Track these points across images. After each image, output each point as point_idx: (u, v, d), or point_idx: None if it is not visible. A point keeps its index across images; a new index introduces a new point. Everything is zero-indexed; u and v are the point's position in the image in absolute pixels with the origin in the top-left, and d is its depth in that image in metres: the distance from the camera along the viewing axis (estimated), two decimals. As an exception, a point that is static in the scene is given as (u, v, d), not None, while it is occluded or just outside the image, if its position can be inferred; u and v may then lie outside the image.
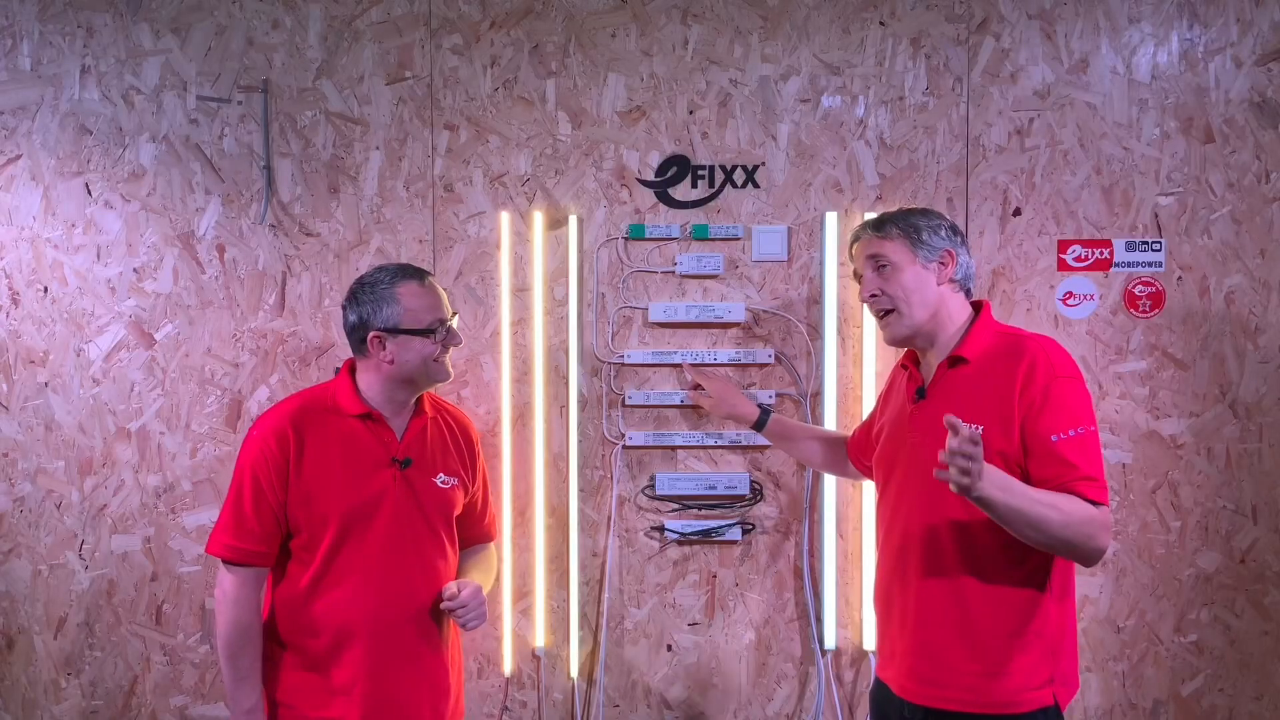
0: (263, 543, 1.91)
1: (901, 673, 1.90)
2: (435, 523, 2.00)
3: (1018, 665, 1.78)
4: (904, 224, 1.91)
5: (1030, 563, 1.79)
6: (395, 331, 1.93)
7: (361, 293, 1.96)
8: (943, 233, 1.91)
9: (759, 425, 2.33)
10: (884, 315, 1.94)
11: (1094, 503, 1.72)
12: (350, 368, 2.02)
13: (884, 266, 1.92)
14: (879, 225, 1.94)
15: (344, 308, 1.99)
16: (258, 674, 1.92)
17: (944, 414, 1.81)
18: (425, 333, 1.94)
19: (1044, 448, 1.74)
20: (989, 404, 1.79)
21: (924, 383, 1.93)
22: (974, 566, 1.81)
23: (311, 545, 1.92)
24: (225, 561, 1.91)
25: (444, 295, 2.01)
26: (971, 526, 1.80)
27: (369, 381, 1.98)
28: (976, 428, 1.77)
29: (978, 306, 1.94)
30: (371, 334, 1.94)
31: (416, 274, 1.99)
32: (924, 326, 1.91)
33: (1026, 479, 1.75)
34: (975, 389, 1.82)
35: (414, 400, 2.04)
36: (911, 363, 1.98)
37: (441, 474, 2.02)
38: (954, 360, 1.87)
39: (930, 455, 1.83)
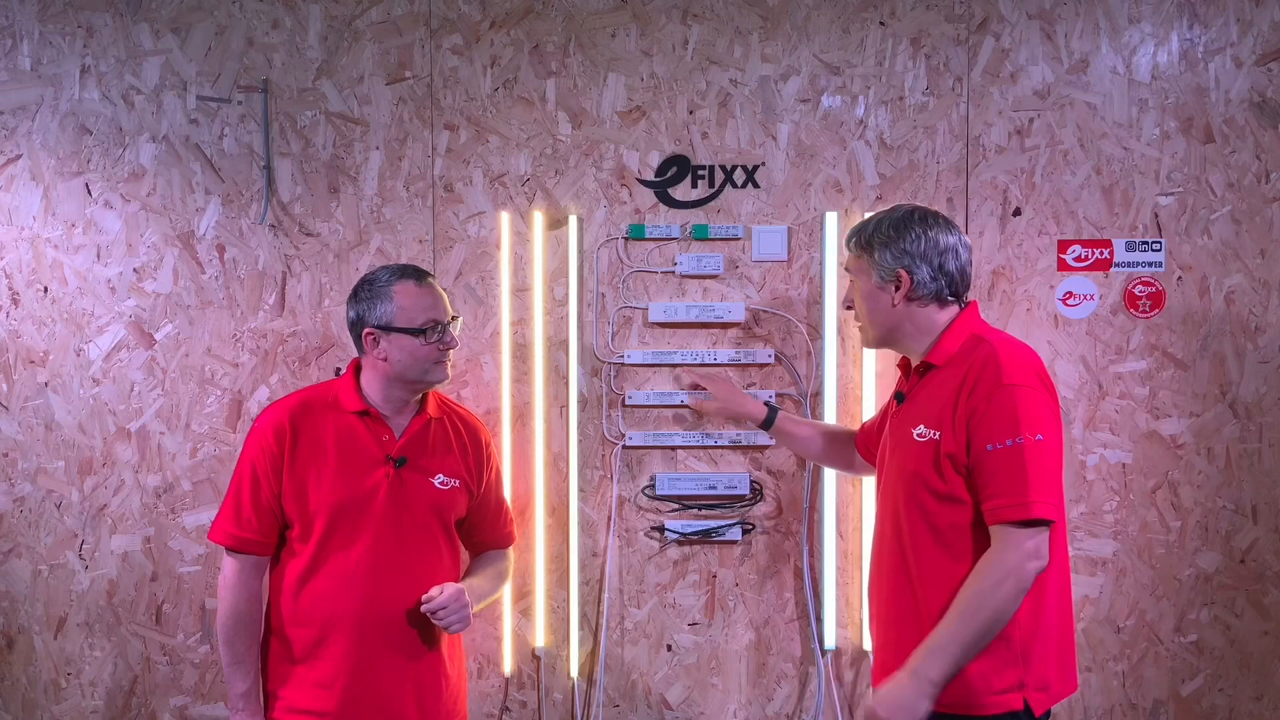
0: (259, 533, 1.95)
1: (876, 667, 1.92)
2: (430, 523, 2.00)
3: (976, 668, 1.74)
4: (863, 239, 1.89)
5: (971, 562, 1.75)
6: (388, 329, 1.95)
7: (361, 289, 1.99)
8: (897, 249, 1.84)
9: (766, 424, 2.31)
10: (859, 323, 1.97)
11: (1018, 523, 1.68)
12: (356, 366, 2.04)
13: (853, 280, 1.94)
14: (849, 237, 1.94)
15: (346, 307, 2.02)
16: (253, 659, 1.97)
17: (915, 418, 1.84)
18: (417, 332, 1.95)
19: (978, 458, 1.73)
20: (945, 409, 1.78)
21: (907, 387, 1.94)
22: (921, 568, 1.80)
23: (303, 538, 1.95)
24: (226, 548, 1.97)
25: (444, 297, 2.02)
26: (916, 528, 1.81)
27: (370, 379, 2.01)
28: (934, 432, 1.78)
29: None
30: (366, 331, 1.96)
31: (416, 274, 2.00)
32: (887, 339, 1.91)
33: (973, 488, 1.75)
34: (937, 394, 1.81)
35: (417, 400, 2.04)
36: (903, 365, 1.99)
37: (441, 474, 2.02)
38: (925, 366, 1.88)
39: (898, 460, 1.87)
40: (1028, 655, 1.76)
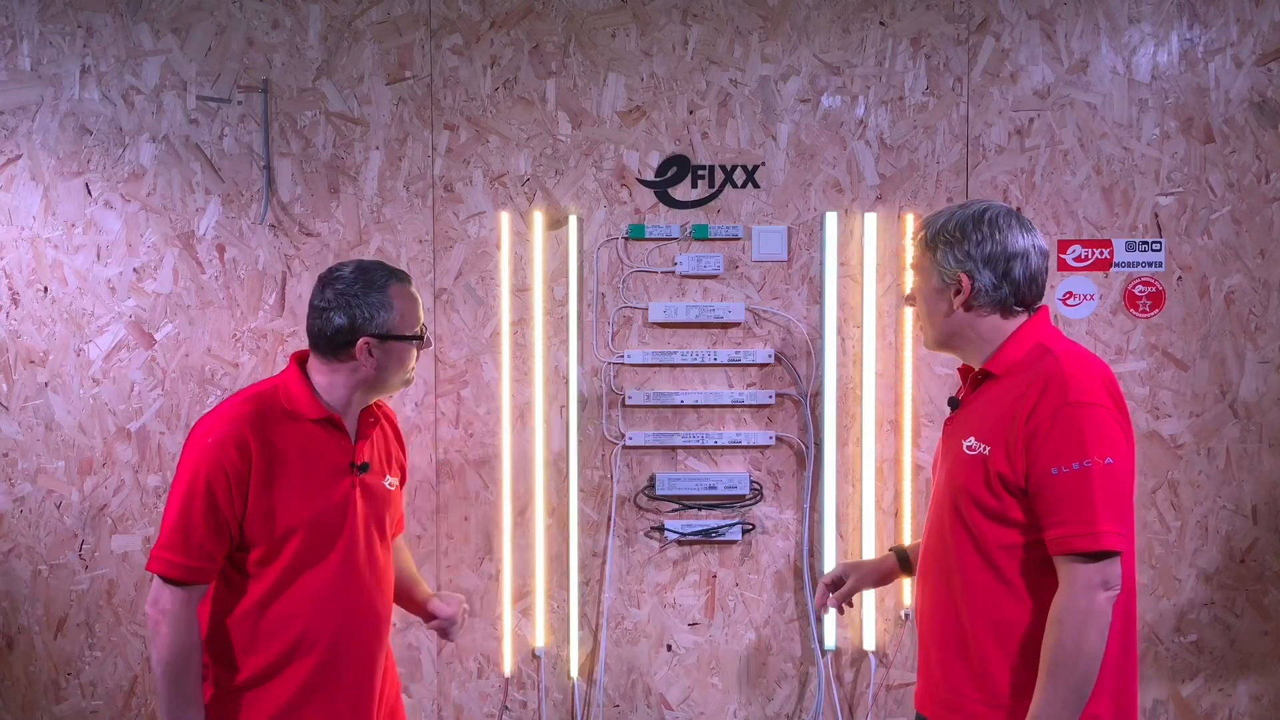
0: (210, 559, 1.73)
1: (920, 688, 1.82)
2: (385, 527, 1.89)
3: (1023, 701, 1.60)
4: (928, 236, 1.73)
5: (1020, 585, 1.62)
6: (386, 337, 1.79)
7: (351, 294, 1.78)
8: (960, 251, 1.67)
9: (906, 568, 1.96)
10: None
11: (1086, 555, 1.53)
12: (299, 364, 1.85)
13: (917, 277, 1.78)
14: (916, 230, 1.79)
15: (323, 309, 1.78)
16: (200, 695, 1.76)
17: (967, 428, 1.68)
18: (415, 338, 1.82)
19: (1040, 481, 1.58)
20: (999, 424, 1.64)
21: (963, 391, 1.80)
22: (968, 590, 1.68)
23: (269, 559, 1.76)
24: (171, 579, 1.72)
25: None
26: (962, 547, 1.68)
27: (333, 384, 1.81)
28: (985, 447, 1.65)
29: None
30: (362, 340, 1.78)
31: (400, 275, 1.85)
32: (947, 343, 1.77)
33: (1030, 511, 1.62)
34: (993, 406, 1.67)
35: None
36: (963, 371, 1.83)
37: (388, 476, 1.91)
38: (984, 374, 1.73)
39: (948, 471, 1.74)
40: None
